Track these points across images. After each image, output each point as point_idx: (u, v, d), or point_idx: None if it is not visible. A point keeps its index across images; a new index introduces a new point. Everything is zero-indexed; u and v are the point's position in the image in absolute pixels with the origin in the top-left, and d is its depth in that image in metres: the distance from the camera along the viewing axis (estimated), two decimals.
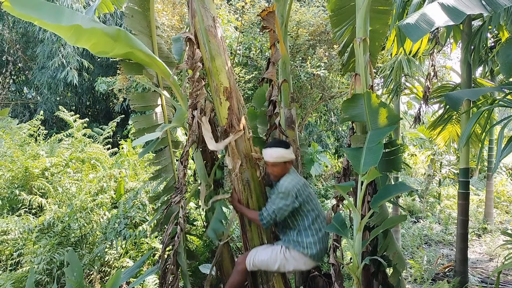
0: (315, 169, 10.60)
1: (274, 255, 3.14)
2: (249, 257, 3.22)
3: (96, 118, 14.56)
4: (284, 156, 3.17)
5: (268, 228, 3.38)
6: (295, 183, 3.11)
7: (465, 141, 4.23)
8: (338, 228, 3.06)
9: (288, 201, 3.05)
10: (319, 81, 9.23)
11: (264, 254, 3.18)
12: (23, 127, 7.01)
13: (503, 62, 3.72)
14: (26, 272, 4.11)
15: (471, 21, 5.26)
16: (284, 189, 3.06)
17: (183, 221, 3.30)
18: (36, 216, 5.13)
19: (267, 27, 3.52)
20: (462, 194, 5.17)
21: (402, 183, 3.28)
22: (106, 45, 2.81)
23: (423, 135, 11.73)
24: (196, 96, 3.31)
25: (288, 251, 3.13)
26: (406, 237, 7.64)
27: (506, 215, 10.18)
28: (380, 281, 3.36)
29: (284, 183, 3.10)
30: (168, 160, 4.27)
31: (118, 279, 3.05)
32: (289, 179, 3.13)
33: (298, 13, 8.86)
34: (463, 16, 2.76)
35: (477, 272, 6.07)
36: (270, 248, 3.21)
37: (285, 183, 3.10)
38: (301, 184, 3.16)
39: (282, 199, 3.06)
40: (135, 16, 3.80)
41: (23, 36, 13.51)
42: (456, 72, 8.46)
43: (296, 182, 3.12)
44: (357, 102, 3.35)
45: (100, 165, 6.18)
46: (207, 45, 3.24)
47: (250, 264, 3.20)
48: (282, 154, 3.17)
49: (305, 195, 3.14)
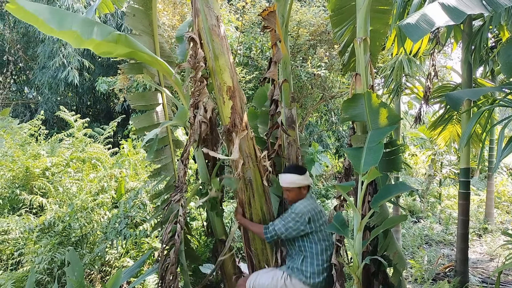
0: (316, 169, 10.60)
1: (274, 281, 3.11)
2: (250, 280, 3.22)
3: (97, 118, 14.56)
4: (297, 182, 3.18)
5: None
6: (311, 208, 3.10)
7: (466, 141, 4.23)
8: (338, 227, 3.06)
9: (299, 223, 3.04)
10: (319, 81, 9.24)
11: (265, 278, 3.16)
12: (24, 127, 7.02)
13: (504, 62, 3.71)
14: (26, 272, 4.11)
15: (471, 21, 5.26)
16: (298, 211, 3.06)
17: (183, 219, 3.30)
18: (36, 215, 5.14)
19: (268, 27, 3.51)
20: (462, 194, 5.16)
21: (403, 183, 3.28)
22: (109, 47, 2.83)
23: (423, 135, 11.74)
24: (198, 95, 3.31)
25: (290, 278, 3.10)
26: (406, 237, 7.64)
27: (507, 215, 10.18)
28: (380, 281, 3.35)
29: (300, 206, 3.09)
30: (169, 159, 4.27)
31: (118, 279, 3.06)
32: (305, 203, 3.12)
33: (299, 13, 8.87)
34: (464, 16, 2.76)
35: (477, 272, 6.07)
36: (271, 273, 3.19)
37: (300, 205, 3.10)
38: (317, 211, 3.15)
39: (293, 220, 3.05)
40: (137, 15, 3.80)
41: (24, 36, 13.52)
42: (457, 72, 8.45)
43: (312, 208, 3.12)
44: (358, 102, 3.34)
45: (100, 165, 6.19)
46: (210, 44, 3.24)
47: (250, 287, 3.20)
48: (295, 180, 3.18)
49: (319, 223, 3.12)
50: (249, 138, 3.36)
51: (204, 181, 3.68)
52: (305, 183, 3.22)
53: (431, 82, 6.34)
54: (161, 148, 4.26)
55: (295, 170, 3.26)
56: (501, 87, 4.13)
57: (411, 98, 11.58)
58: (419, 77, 8.00)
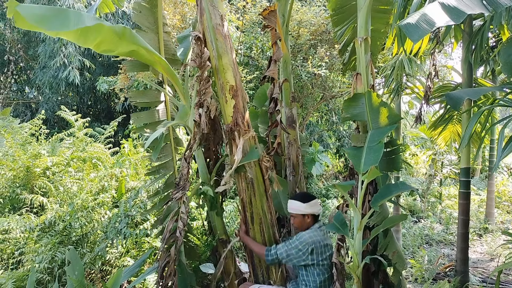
0: (316, 168, 10.61)
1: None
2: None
3: (98, 117, 14.56)
4: (300, 209, 3.17)
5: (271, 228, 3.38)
6: (316, 240, 3.06)
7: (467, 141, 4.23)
8: (338, 227, 3.06)
9: (301, 253, 3.02)
10: (320, 80, 9.24)
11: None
12: (25, 127, 7.02)
13: (505, 62, 3.71)
14: (27, 271, 4.12)
15: (472, 20, 5.26)
16: (303, 240, 3.04)
17: (185, 217, 3.31)
18: (37, 215, 5.14)
19: (269, 26, 3.52)
20: (463, 193, 5.16)
21: (403, 182, 3.28)
22: (112, 43, 2.82)
23: (424, 135, 11.74)
24: (203, 94, 3.32)
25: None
26: (407, 237, 7.64)
27: (508, 215, 10.18)
28: (380, 280, 3.36)
29: (306, 235, 3.08)
30: (169, 156, 4.28)
31: (119, 278, 3.06)
32: (312, 234, 3.09)
33: (299, 12, 8.86)
34: (464, 16, 2.76)
35: (478, 272, 6.07)
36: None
37: (306, 235, 3.08)
38: (322, 244, 3.09)
39: (296, 248, 3.04)
40: (143, 12, 3.83)
41: (25, 35, 13.53)
42: (457, 71, 8.45)
43: (318, 240, 3.07)
44: (358, 101, 3.35)
45: (101, 164, 6.19)
46: (214, 43, 3.25)
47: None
48: (298, 207, 3.18)
49: (322, 257, 3.08)
50: (251, 137, 3.36)
51: (204, 180, 3.68)
52: (307, 211, 3.17)
53: (431, 81, 6.34)
54: (163, 146, 4.27)
55: (300, 198, 3.26)
56: (501, 87, 4.13)
57: (411, 98, 11.60)
58: (419, 76, 8.00)
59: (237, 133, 3.26)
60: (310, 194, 3.50)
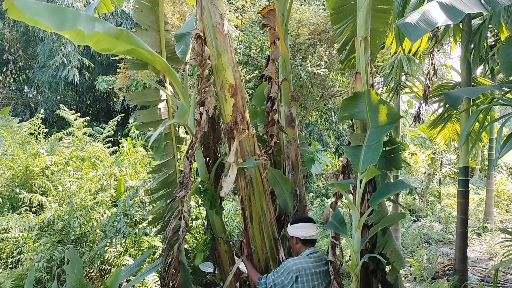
0: (316, 168, 10.62)
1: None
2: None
3: (97, 117, 14.57)
4: (288, 231, 3.21)
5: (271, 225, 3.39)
6: (302, 267, 2.93)
7: (465, 140, 4.24)
8: (337, 225, 3.06)
9: (286, 281, 2.93)
10: (319, 80, 9.24)
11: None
12: (24, 126, 7.01)
13: (503, 61, 3.71)
14: (26, 270, 4.12)
15: (470, 20, 5.26)
16: (287, 267, 2.96)
17: (188, 215, 3.32)
18: (36, 214, 5.14)
19: (268, 25, 3.52)
20: (461, 192, 5.17)
21: (401, 181, 3.29)
22: (109, 43, 2.83)
23: (423, 134, 11.75)
24: (204, 92, 3.32)
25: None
26: (406, 236, 7.65)
27: (507, 214, 10.19)
28: (379, 278, 3.36)
29: (291, 262, 2.98)
30: (171, 155, 4.28)
31: (118, 277, 3.06)
32: (298, 261, 2.98)
33: (299, 11, 8.87)
34: (462, 15, 2.76)
35: (476, 270, 6.08)
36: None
37: (292, 261, 2.98)
38: (310, 272, 2.95)
39: (282, 275, 2.96)
40: (144, 11, 3.84)
41: (24, 35, 13.52)
42: (456, 70, 8.45)
43: (304, 268, 2.94)
44: (358, 100, 3.35)
45: (100, 163, 6.19)
46: (214, 42, 3.25)
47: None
48: (288, 229, 3.22)
49: (309, 285, 2.93)
50: (250, 136, 3.36)
51: (204, 179, 3.69)
52: (292, 234, 3.15)
53: (430, 81, 6.34)
54: (164, 145, 4.28)
55: (292, 219, 3.31)
56: (500, 86, 4.14)
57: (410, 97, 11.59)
58: (418, 75, 8.00)
59: (237, 132, 3.26)
60: (303, 217, 3.48)
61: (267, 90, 3.64)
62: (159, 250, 5.17)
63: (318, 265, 3.03)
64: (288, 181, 3.78)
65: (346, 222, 3.21)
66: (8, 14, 2.20)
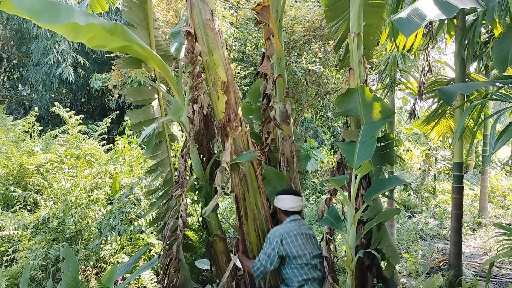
0: (311, 164, 10.65)
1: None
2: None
3: (91, 114, 14.51)
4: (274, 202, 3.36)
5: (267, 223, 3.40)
6: (283, 231, 3.07)
7: (459, 136, 4.26)
8: (332, 221, 3.07)
9: (272, 246, 3.01)
10: (314, 76, 9.25)
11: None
12: (18, 124, 6.97)
13: (497, 57, 3.73)
14: (21, 268, 4.10)
15: (465, 15, 5.27)
16: (270, 236, 3.09)
17: (185, 214, 3.32)
18: (31, 212, 5.12)
19: (262, 21, 3.52)
20: (456, 188, 5.19)
21: (396, 176, 3.31)
22: (103, 39, 2.82)
23: (418, 130, 11.79)
24: (196, 89, 3.31)
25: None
26: (401, 232, 7.68)
27: (501, 209, 10.24)
28: (374, 274, 3.38)
29: (272, 231, 3.15)
30: (165, 154, 4.28)
31: (113, 274, 3.05)
32: (279, 227, 3.16)
33: (293, 8, 8.86)
34: (456, 10, 2.77)
35: (471, 265, 6.12)
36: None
37: (273, 230, 3.16)
38: (293, 233, 3.07)
39: (269, 245, 3.04)
40: (133, 9, 3.82)
41: (17, 32, 13.43)
42: (451, 67, 8.48)
43: (285, 231, 3.08)
44: (351, 96, 3.36)
45: (95, 161, 6.17)
46: (205, 39, 3.24)
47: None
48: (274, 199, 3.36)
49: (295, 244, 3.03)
50: (243, 133, 3.36)
51: (199, 176, 3.68)
52: (276, 205, 3.30)
53: (425, 77, 6.36)
54: (158, 144, 4.27)
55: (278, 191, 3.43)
56: (494, 81, 4.16)
57: (405, 94, 11.64)
58: (413, 72, 8.02)
59: (230, 129, 3.26)
60: (288, 189, 3.55)
61: (263, 87, 3.64)
62: (154, 247, 5.17)
63: (301, 228, 3.16)
64: (282, 176, 3.78)
65: (341, 218, 3.23)
66: (1, 7, 2.19)
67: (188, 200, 5.39)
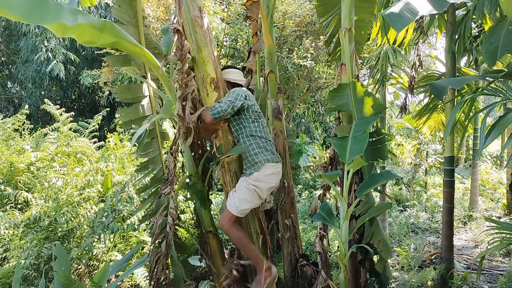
0: (303, 160, 10.66)
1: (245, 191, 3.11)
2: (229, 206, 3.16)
3: (82, 112, 14.41)
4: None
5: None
6: (244, 90, 3.27)
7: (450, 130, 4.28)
8: (325, 217, 3.08)
9: (238, 97, 3.14)
10: (306, 72, 9.25)
11: (238, 196, 3.13)
12: (8, 122, 6.90)
13: (486, 51, 3.75)
14: (13, 268, 4.08)
15: (455, 10, 5.29)
16: (235, 91, 3.19)
17: (174, 212, 3.30)
18: (22, 211, 5.08)
19: (251, 17, 3.51)
20: (447, 182, 5.23)
21: (388, 171, 3.32)
22: (93, 36, 2.78)
23: (409, 125, 11.85)
24: (186, 87, 3.30)
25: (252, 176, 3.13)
26: (393, 226, 7.73)
27: (491, 202, 10.35)
28: (367, 268, 3.40)
29: (235, 89, 3.23)
30: (156, 151, 4.25)
31: (106, 272, 3.04)
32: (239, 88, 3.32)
33: (284, 3, 8.84)
34: (446, 4, 2.79)
35: (463, 258, 6.18)
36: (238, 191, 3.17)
37: (236, 89, 3.24)
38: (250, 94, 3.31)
39: (233, 96, 3.14)
40: (122, 6, 3.77)
41: (6, 29, 13.27)
42: (441, 61, 8.51)
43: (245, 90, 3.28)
44: (343, 91, 3.36)
45: (86, 159, 6.13)
46: (193, 36, 3.22)
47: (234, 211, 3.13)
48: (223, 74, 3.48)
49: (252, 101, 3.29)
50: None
51: (191, 174, 3.67)
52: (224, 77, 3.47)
53: (416, 71, 6.38)
54: (149, 141, 4.24)
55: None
56: (484, 76, 4.18)
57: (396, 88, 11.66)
58: (404, 67, 8.05)
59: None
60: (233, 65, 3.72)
61: (247, 82, 3.66)
62: (147, 245, 5.15)
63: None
64: None
65: (334, 213, 3.24)
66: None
67: (181, 197, 5.41)
